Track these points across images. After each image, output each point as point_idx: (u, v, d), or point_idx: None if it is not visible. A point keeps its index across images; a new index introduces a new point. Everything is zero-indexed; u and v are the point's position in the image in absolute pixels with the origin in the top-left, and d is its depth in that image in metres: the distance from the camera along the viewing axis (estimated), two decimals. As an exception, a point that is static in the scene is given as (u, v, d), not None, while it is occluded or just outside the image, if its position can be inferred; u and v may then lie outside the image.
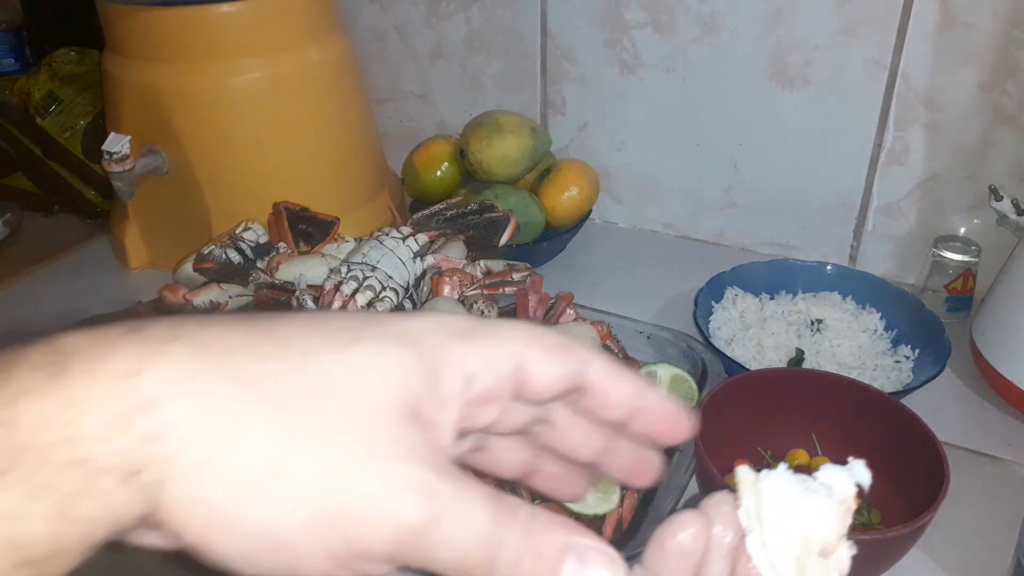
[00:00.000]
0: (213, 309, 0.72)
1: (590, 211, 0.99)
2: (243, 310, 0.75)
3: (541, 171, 0.98)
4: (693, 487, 0.61)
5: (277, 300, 0.71)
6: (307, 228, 0.80)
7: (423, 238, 0.76)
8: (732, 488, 0.25)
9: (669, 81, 0.95)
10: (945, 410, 0.73)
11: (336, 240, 0.78)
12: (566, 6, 0.96)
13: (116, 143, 0.83)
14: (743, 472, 0.25)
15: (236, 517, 0.20)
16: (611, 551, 0.23)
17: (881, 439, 0.61)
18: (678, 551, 0.24)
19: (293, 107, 0.88)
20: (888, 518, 0.59)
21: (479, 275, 0.75)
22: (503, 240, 0.79)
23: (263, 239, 0.78)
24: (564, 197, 0.95)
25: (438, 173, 0.98)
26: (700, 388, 0.68)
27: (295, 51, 0.87)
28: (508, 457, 0.29)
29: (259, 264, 0.75)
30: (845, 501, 0.25)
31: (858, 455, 0.63)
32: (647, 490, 0.59)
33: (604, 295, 0.89)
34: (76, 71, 1.05)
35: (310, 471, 0.20)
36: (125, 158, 0.84)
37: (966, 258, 0.82)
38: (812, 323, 0.79)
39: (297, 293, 0.69)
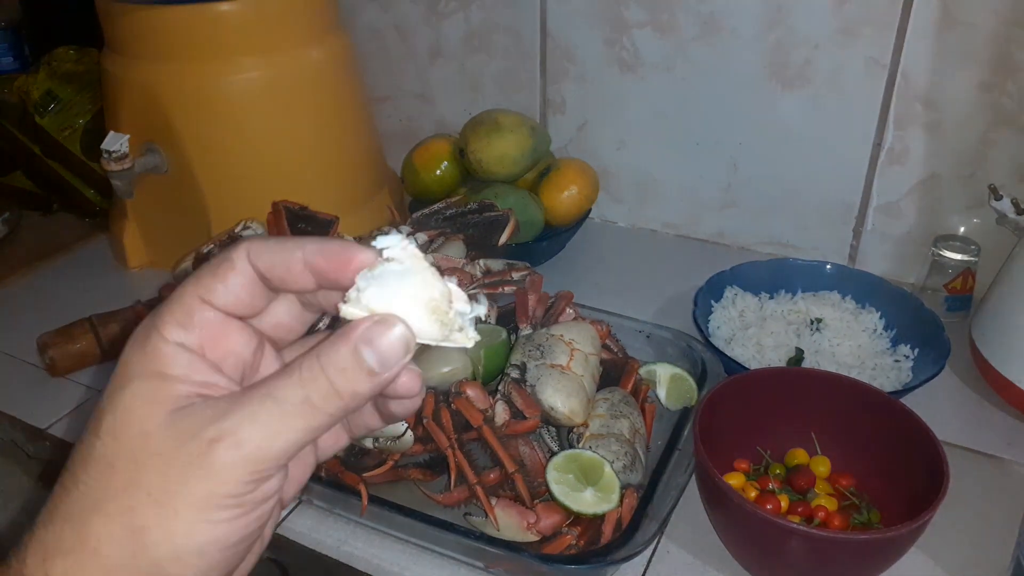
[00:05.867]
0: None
1: (590, 210, 0.99)
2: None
3: (541, 170, 0.98)
4: (692, 487, 0.60)
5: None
6: (306, 227, 0.79)
7: (422, 237, 0.76)
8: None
9: (669, 80, 0.95)
10: (944, 409, 0.73)
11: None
12: (566, 5, 0.96)
13: (115, 142, 0.83)
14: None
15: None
16: (390, 320, 0.27)
17: (880, 438, 0.61)
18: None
19: (292, 106, 0.87)
20: (887, 517, 0.59)
21: (478, 274, 0.75)
22: (502, 239, 0.79)
23: (262, 238, 0.77)
24: (564, 196, 0.95)
25: (437, 172, 0.98)
26: (700, 387, 0.68)
27: (294, 50, 0.87)
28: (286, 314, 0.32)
29: (258, 263, 0.74)
30: (418, 259, 0.28)
31: (858, 454, 0.63)
32: (647, 490, 0.59)
33: (604, 294, 0.89)
34: (75, 70, 1.05)
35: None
36: (124, 157, 0.84)
37: (965, 257, 0.82)
38: (812, 322, 0.79)
39: (296, 292, 0.69)
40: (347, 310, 0.27)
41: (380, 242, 0.28)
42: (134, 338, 0.28)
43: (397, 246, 0.28)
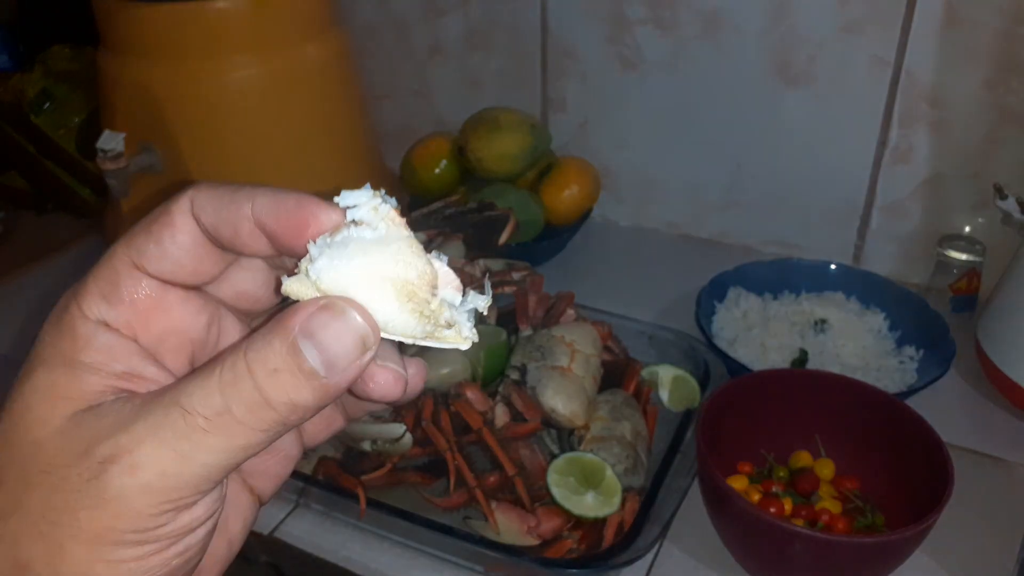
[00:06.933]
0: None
1: (591, 209, 0.98)
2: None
3: (541, 169, 0.97)
4: (695, 490, 0.60)
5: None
6: (304, 226, 0.79)
7: (421, 237, 0.75)
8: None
9: (671, 78, 0.94)
10: (950, 411, 0.72)
11: (333, 239, 0.77)
12: (566, 2, 0.95)
13: (110, 140, 0.82)
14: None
15: None
16: (338, 304, 0.20)
17: (885, 440, 0.60)
18: None
19: (289, 104, 0.87)
20: (892, 520, 0.58)
21: (478, 274, 0.74)
22: (502, 239, 0.78)
23: (259, 238, 0.77)
24: (564, 195, 0.94)
25: (436, 171, 0.97)
26: (703, 389, 0.68)
27: (291, 47, 0.86)
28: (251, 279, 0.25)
29: (255, 263, 0.74)
30: (394, 225, 0.21)
31: (862, 457, 0.62)
32: (649, 493, 0.58)
33: (605, 295, 0.88)
34: (70, 68, 1.04)
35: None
36: (119, 156, 0.83)
37: (971, 257, 0.81)
38: (816, 323, 0.78)
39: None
40: (290, 286, 0.20)
41: (345, 199, 0.21)
42: (52, 313, 0.23)
43: (367, 205, 0.21)
